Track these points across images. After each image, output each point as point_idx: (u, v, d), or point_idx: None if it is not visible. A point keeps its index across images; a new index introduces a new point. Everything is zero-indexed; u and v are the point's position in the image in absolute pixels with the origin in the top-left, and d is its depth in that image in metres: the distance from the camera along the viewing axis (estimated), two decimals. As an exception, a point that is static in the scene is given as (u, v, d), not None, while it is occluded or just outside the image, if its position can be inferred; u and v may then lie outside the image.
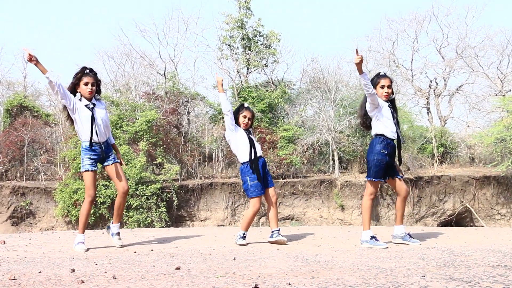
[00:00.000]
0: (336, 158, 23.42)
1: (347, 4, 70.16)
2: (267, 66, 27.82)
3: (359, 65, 5.89)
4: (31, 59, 5.58)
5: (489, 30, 36.48)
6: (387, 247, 5.90)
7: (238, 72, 27.76)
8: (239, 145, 6.58)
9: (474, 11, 38.61)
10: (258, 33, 27.55)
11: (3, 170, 23.51)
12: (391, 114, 6.16)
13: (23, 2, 69.95)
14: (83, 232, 6.17)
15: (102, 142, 6.12)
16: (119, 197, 6.31)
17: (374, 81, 6.24)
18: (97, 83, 6.18)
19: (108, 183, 20.45)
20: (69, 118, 6.10)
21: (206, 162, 25.01)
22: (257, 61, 27.12)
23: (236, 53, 27.72)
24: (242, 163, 6.59)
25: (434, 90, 27.86)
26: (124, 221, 20.48)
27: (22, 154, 23.64)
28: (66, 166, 23.08)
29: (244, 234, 6.57)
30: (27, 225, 21.93)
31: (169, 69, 28.06)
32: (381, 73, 6.27)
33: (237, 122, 6.65)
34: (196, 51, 42.32)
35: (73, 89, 6.10)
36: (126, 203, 20.02)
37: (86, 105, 6.03)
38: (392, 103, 6.26)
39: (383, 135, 6.15)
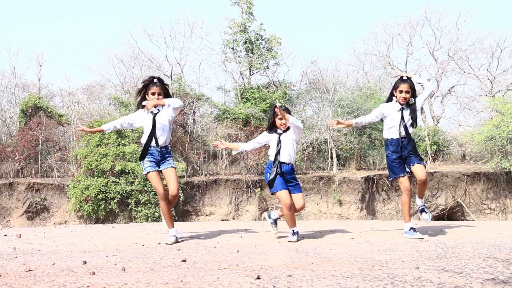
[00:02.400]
0: (334, 155, 23.40)
1: (345, 9, 70.07)
2: (268, 68, 27.82)
3: (344, 126, 6.57)
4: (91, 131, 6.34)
5: (480, 33, 36.50)
6: (422, 238, 6.00)
7: (241, 74, 27.77)
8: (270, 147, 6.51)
9: (465, 16, 38.52)
10: (260, 37, 27.54)
11: (19, 168, 23.54)
12: (400, 117, 6.24)
13: (37, 9, 70.00)
14: (172, 227, 6.22)
15: (161, 146, 6.07)
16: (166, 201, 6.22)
17: (395, 85, 6.35)
18: (164, 91, 6.17)
19: (117, 180, 20.47)
20: None
21: (210, 160, 25.00)
22: (259, 63, 27.13)
23: (239, 56, 27.74)
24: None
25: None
26: (133, 215, 20.50)
27: (37, 152, 23.66)
28: (78, 164, 23.09)
29: (293, 231, 6.21)
30: (41, 219, 21.96)
31: (176, 71, 28.09)
32: (403, 77, 6.34)
33: (274, 126, 6.50)
34: (201, 54, 42.07)
35: (143, 98, 6.17)
36: (134, 199, 20.03)
37: (151, 111, 6.04)
38: (410, 106, 6.29)
39: (388, 139, 6.37)
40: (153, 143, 6.03)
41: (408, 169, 6.30)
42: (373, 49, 30.82)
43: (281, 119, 6.40)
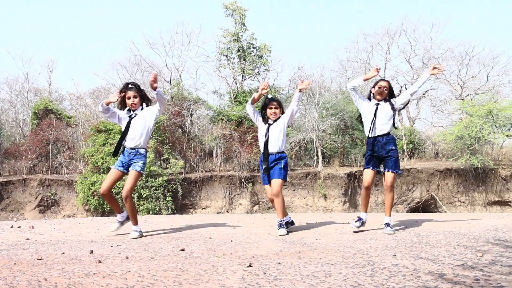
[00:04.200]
0: (319, 153, 23.43)
1: (329, 20, 70.19)
2: (259, 74, 27.83)
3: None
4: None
5: (450, 43, 36.70)
6: (358, 228, 5.83)
7: (234, 79, 27.75)
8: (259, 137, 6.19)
9: (438, 27, 38.93)
10: (251, 46, 27.53)
11: (31, 165, 23.43)
12: (373, 114, 5.85)
13: (48, 20, 69.63)
14: (118, 212, 6.08)
15: (131, 148, 5.83)
16: None
17: (375, 83, 6.04)
18: (140, 94, 5.97)
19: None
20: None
21: (206, 158, 24.97)
22: (251, 69, 27.13)
23: (232, 63, 27.71)
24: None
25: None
26: (136, 209, 20.44)
27: (48, 151, 23.56)
28: (85, 162, 23.02)
29: (280, 220, 5.94)
30: (52, 212, 21.87)
31: (174, 77, 28.05)
32: (382, 78, 6.16)
33: (266, 116, 6.13)
34: (197, 61, 42.38)
35: (123, 104, 5.99)
36: (137, 194, 20.00)
37: (129, 115, 5.89)
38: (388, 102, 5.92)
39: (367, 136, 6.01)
40: (125, 144, 5.86)
41: (382, 170, 5.94)
42: (355, 57, 30.92)
43: (271, 108, 6.06)
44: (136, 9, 71.31)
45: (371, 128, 5.87)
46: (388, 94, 5.96)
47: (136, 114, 5.90)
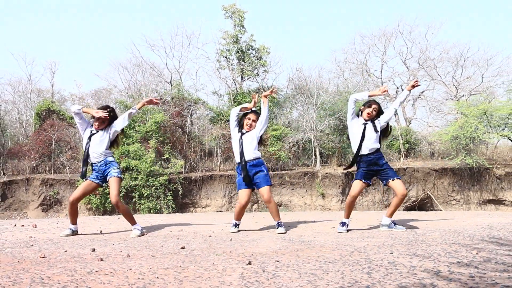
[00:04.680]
0: (317, 153, 23.44)
1: (327, 22, 70.22)
2: (258, 75, 27.79)
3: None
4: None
5: (446, 45, 36.63)
6: (342, 232, 5.70)
7: (233, 80, 27.73)
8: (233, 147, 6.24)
9: (433, 29, 38.87)
10: (250, 47, 27.51)
11: (34, 165, 23.41)
12: (362, 132, 5.88)
13: (51, 22, 69.59)
14: (72, 223, 5.91)
15: (97, 162, 5.89)
16: None
17: (366, 102, 6.05)
18: (110, 117, 6.01)
19: (122, 176, 20.42)
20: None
21: (206, 157, 24.97)
22: (250, 71, 27.11)
23: (232, 64, 27.68)
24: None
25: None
26: (136, 207, 20.48)
27: (50, 151, 23.54)
28: (87, 161, 23.00)
29: (235, 223, 6.22)
30: (55, 211, 21.86)
31: (175, 78, 28.03)
32: (374, 99, 6.10)
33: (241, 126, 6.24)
34: (197, 62, 42.11)
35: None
36: (138, 193, 19.98)
37: (91, 131, 5.94)
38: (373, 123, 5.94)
39: (360, 154, 5.94)
40: (90, 160, 5.91)
41: (384, 183, 5.88)
42: (352, 58, 30.88)
43: (250, 119, 6.18)
44: (137, 11, 71.34)
45: (360, 148, 5.88)
46: (376, 115, 6.02)
47: (98, 131, 5.97)
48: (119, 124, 6.04)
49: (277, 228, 5.94)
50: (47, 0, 71.05)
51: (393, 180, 5.81)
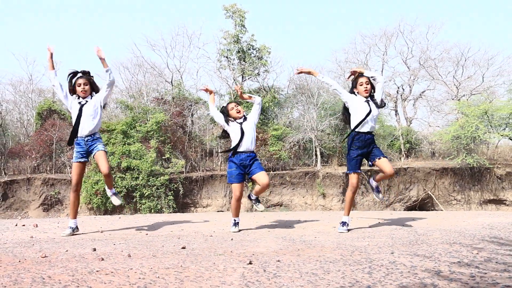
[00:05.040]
0: (318, 153, 23.43)
1: (327, 22, 70.20)
2: (259, 75, 27.77)
3: (309, 73, 6.24)
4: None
5: (447, 44, 36.39)
6: (342, 232, 5.67)
7: (234, 80, 27.70)
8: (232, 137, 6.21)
9: (434, 28, 38.75)
10: (251, 47, 27.48)
11: (35, 165, 23.42)
12: (368, 110, 5.71)
13: (52, 22, 69.64)
14: (73, 218, 5.92)
15: (86, 135, 5.76)
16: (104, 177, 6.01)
17: (353, 82, 5.94)
18: (90, 81, 5.85)
19: (124, 175, 20.43)
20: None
21: (207, 157, 24.96)
22: (251, 70, 27.08)
23: (232, 64, 27.66)
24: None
25: (401, 95, 27.96)
26: (137, 207, 20.48)
27: (51, 150, 23.54)
28: (88, 161, 22.98)
29: (235, 221, 6.21)
30: (56, 211, 21.87)
31: (176, 78, 27.99)
32: (358, 73, 5.98)
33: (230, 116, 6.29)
34: (198, 62, 42.11)
35: (73, 90, 5.87)
36: (139, 193, 19.98)
37: (79, 102, 5.76)
38: (374, 101, 5.83)
39: (356, 132, 5.78)
40: (79, 133, 5.75)
41: (371, 163, 5.79)
42: (353, 58, 30.81)
43: (233, 108, 6.24)
44: (137, 11, 71.34)
45: (361, 125, 5.73)
46: (371, 88, 5.87)
47: (86, 101, 5.80)
48: (103, 90, 5.92)
49: (258, 204, 6.33)
50: (48, 0, 71.12)
51: (379, 159, 5.73)
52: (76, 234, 5.78)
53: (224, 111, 6.31)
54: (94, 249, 4.25)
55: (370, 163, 5.82)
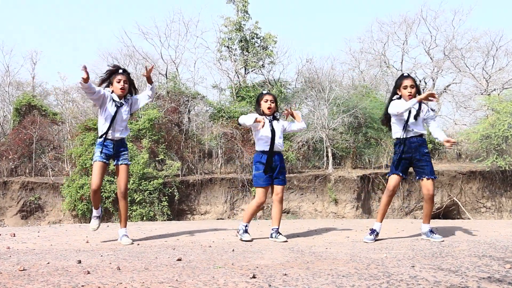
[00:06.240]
0: (330, 154, 23.42)
1: (340, 8, 70.13)
2: (264, 67, 27.83)
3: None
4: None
5: (475, 32, 36.60)
6: (366, 242, 5.69)
7: (236, 73, 27.77)
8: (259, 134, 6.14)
9: (461, 15, 38.80)
10: (255, 36, 27.55)
11: (13, 166, 23.48)
12: (407, 114, 5.79)
13: (31, 7, 69.78)
14: (96, 208, 6.23)
15: (117, 140, 5.90)
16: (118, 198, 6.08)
17: (397, 83, 5.96)
18: (129, 81, 6.05)
19: (112, 179, 20.46)
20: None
21: (206, 159, 24.99)
22: (255, 62, 27.14)
23: (234, 55, 27.73)
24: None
25: (423, 90, 27.90)
26: (128, 214, 20.49)
27: (31, 151, 23.61)
28: (72, 163, 23.06)
29: (246, 226, 6.19)
30: (35, 218, 21.93)
31: (171, 69, 28.07)
32: (404, 74, 6.02)
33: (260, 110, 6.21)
34: (196, 52, 42.14)
35: (108, 86, 6.03)
36: (129, 198, 20.03)
37: (115, 102, 5.87)
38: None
39: (397, 138, 5.93)
40: (109, 136, 5.84)
41: (418, 178, 5.84)
42: (369, 48, 30.90)
43: (267, 101, 6.14)
44: (129, -5, 71.42)
45: (405, 128, 5.84)
46: (416, 91, 5.92)
47: (122, 103, 5.93)
48: (143, 99, 6.21)
49: (278, 236, 6.07)
50: (28, -18, 71.33)
51: (427, 179, 5.74)
52: (60, 244, 5.79)
53: (257, 100, 6.29)
54: (79, 261, 4.25)
55: (417, 177, 5.90)
